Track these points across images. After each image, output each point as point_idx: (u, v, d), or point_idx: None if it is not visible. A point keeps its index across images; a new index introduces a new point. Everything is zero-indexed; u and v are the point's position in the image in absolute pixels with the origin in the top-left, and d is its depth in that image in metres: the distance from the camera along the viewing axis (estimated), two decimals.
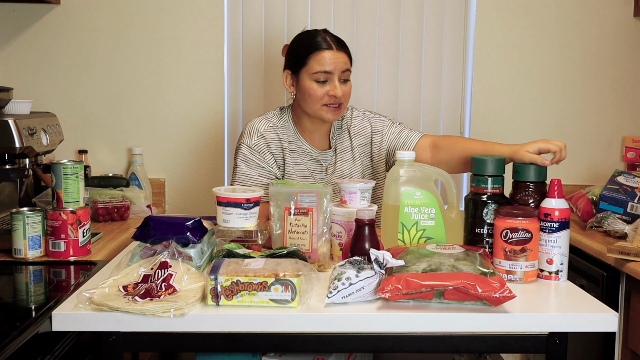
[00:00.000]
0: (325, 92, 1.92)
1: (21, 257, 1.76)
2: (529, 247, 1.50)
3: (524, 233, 1.50)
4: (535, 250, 1.52)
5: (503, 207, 1.56)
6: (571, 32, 2.75)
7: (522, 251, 1.50)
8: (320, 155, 2.02)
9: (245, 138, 1.99)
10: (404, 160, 1.64)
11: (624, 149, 2.80)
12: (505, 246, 1.51)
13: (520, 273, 1.51)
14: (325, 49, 1.92)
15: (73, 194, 1.78)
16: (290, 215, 1.60)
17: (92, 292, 1.35)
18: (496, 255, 1.53)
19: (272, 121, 2.01)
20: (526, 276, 1.51)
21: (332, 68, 1.91)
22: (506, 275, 1.51)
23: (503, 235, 1.51)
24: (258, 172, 1.96)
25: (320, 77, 1.91)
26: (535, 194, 1.62)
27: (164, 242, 1.48)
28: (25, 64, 2.65)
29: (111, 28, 2.65)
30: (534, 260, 1.52)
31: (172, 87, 2.70)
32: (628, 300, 1.97)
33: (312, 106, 1.94)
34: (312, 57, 1.92)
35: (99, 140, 2.71)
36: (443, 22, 2.74)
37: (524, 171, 1.64)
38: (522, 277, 1.51)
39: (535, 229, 1.51)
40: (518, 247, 1.50)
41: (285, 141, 2.00)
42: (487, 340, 1.35)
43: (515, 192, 1.65)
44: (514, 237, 1.50)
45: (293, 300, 1.33)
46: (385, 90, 2.75)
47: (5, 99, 1.99)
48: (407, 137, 2.06)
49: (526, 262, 1.51)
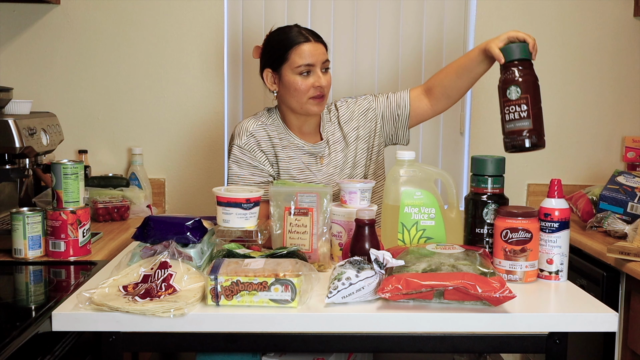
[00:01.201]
0: (310, 84, 1.93)
1: (21, 257, 1.76)
2: (529, 247, 1.50)
3: (524, 233, 1.50)
4: (535, 250, 1.51)
5: (503, 207, 1.56)
6: (571, 32, 2.75)
7: (522, 251, 1.50)
8: (313, 147, 2.02)
9: (236, 139, 2.00)
10: (404, 160, 1.64)
11: (624, 149, 2.80)
12: (505, 246, 1.51)
13: (521, 273, 1.51)
14: (304, 42, 1.94)
15: (73, 194, 1.78)
16: (290, 215, 1.60)
17: (92, 292, 1.35)
18: (496, 255, 1.53)
19: (260, 119, 2.03)
20: (526, 276, 1.51)
21: (314, 60, 1.93)
22: (506, 275, 1.51)
23: (503, 236, 1.51)
24: (250, 172, 1.97)
25: (303, 69, 1.93)
26: (524, 69, 1.68)
27: (164, 242, 1.48)
28: (25, 64, 2.65)
29: (111, 28, 2.65)
30: (534, 260, 1.52)
31: (172, 87, 2.70)
32: (628, 300, 1.97)
33: (298, 100, 1.95)
34: (293, 52, 1.93)
35: (99, 140, 2.71)
36: (443, 22, 2.74)
37: (509, 51, 1.71)
38: (522, 277, 1.51)
39: (536, 229, 1.51)
40: (518, 247, 1.50)
41: (275, 138, 2.00)
42: (487, 340, 1.35)
43: (503, 73, 1.71)
44: (514, 237, 1.50)
45: (293, 300, 1.33)
46: (386, 90, 2.74)
47: (5, 99, 1.99)
48: (398, 97, 2.09)
49: (526, 262, 1.50)
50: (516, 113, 1.66)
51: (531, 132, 1.66)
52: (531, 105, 1.65)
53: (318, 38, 1.98)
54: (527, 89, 1.66)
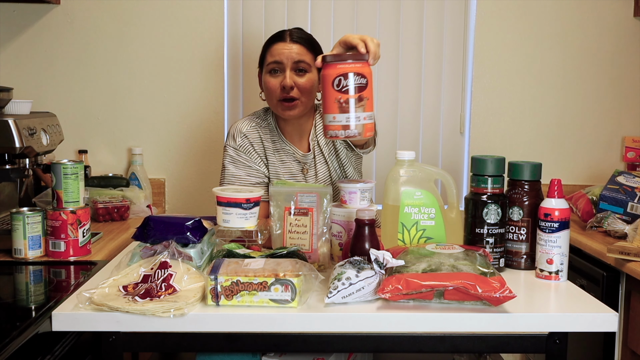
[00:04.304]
0: (278, 83, 1.89)
1: (21, 257, 1.76)
2: (365, 95, 1.36)
3: (359, 78, 1.36)
4: (371, 99, 1.38)
5: (330, 55, 1.41)
6: (571, 32, 2.75)
7: (359, 100, 1.36)
8: (302, 157, 2.01)
9: (230, 140, 2.00)
10: (404, 160, 1.64)
11: (624, 149, 2.80)
12: (340, 96, 1.36)
13: (359, 126, 1.39)
14: (277, 41, 1.92)
15: (73, 194, 1.78)
16: (290, 215, 1.60)
17: (92, 292, 1.35)
18: (328, 111, 1.38)
19: (255, 121, 2.02)
20: (365, 130, 1.38)
21: (282, 58, 1.88)
22: (343, 131, 1.38)
23: (335, 84, 1.35)
24: (246, 172, 1.97)
25: (273, 67, 1.90)
26: (530, 191, 1.62)
27: (164, 242, 1.48)
28: (25, 64, 2.65)
29: (111, 28, 2.65)
30: (371, 111, 1.38)
31: (172, 87, 2.70)
32: (628, 300, 1.97)
33: (271, 101, 1.94)
34: (267, 50, 1.93)
35: (99, 140, 2.71)
36: (443, 22, 2.74)
37: (518, 170, 1.64)
38: (361, 131, 1.39)
39: (369, 74, 1.37)
40: (353, 95, 1.37)
41: (267, 141, 1.99)
42: (487, 340, 1.35)
43: (510, 189, 1.65)
44: (348, 85, 1.36)
45: (293, 300, 1.33)
46: (385, 90, 2.75)
47: (5, 99, 1.99)
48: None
49: (364, 114, 1.37)
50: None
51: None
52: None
53: (298, 39, 1.91)
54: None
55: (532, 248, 1.60)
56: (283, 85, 1.88)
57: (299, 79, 1.89)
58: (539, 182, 1.64)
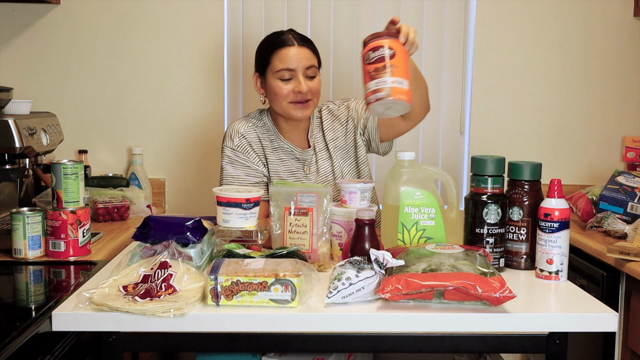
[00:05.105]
0: (290, 89, 1.91)
1: (21, 257, 1.76)
2: (393, 63, 1.52)
3: (383, 50, 1.53)
4: (401, 67, 1.53)
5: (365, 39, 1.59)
6: (571, 32, 2.75)
7: (383, 68, 1.52)
8: (301, 154, 2.02)
9: (228, 141, 2.00)
10: (404, 160, 1.64)
11: (624, 149, 2.80)
12: (369, 68, 1.54)
13: (387, 89, 1.52)
14: (286, 46, 1.91)
15: (73, 194, 1.78)
16: (290, 215, 1.60)
17: (92, 292, 1.35)
18: (364, 83, 1.57)
19: (251, 121, 2.03)
20: (393, 92, 1.52)
21: (295, 65, 1.90)
22: (373, 95, 1.53)
23: (366, 60, 1.55)
24: (245, 172, 1.97)
25: (284, 74, 1.91)
26: (530, 191, 1.62)
27: (164, 242, 1.48)
28: (25, 64, 2.65)
29: (111, 28, 2.65)
30: (401, 77, 1.53)
31: (172, 87, 2.70)
32: (628, 300, 1.97)
33: (280, 104, 1.94)
34: (275, 56, 1.92)
35: (99, 140, 2.71)
36: (443, 22, 2.74)
37: (518, 170, 1.64)
38: (389, 93, 1.52)
39: (396, 47, 1.55)
40: (381, 64, 1.52)
41: (265, 140, 2.00)
42: (487, 340, 1.35)
43: (510, 189, 1.65)
44: (376, 56, 1.53)
45: (293, 300, 1.33)
46: None
47: (5, 99, 1.99)
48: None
49: (392, 78, 1.52)
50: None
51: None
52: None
53: (305, 43, 1.94)
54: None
55: (532, 248, 1.60)
56: (299, 91, 1.90)
57: (311, 82, 1.93)
58: (539, 182, 1.64)
